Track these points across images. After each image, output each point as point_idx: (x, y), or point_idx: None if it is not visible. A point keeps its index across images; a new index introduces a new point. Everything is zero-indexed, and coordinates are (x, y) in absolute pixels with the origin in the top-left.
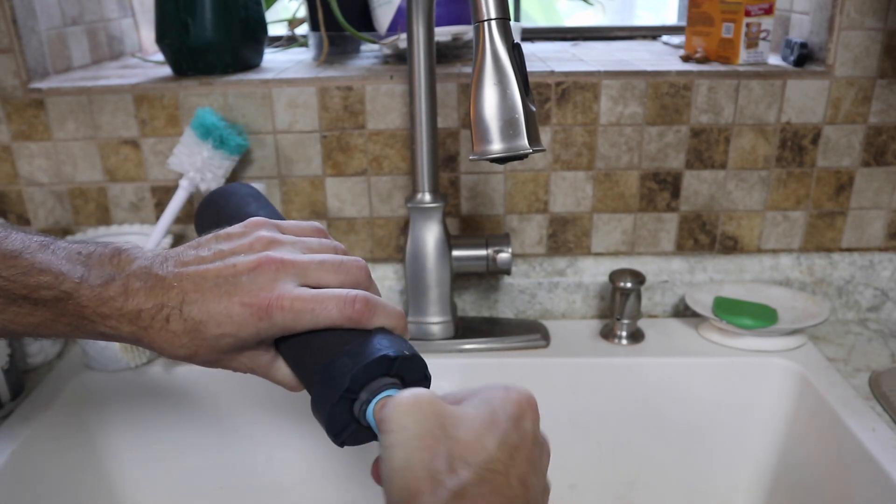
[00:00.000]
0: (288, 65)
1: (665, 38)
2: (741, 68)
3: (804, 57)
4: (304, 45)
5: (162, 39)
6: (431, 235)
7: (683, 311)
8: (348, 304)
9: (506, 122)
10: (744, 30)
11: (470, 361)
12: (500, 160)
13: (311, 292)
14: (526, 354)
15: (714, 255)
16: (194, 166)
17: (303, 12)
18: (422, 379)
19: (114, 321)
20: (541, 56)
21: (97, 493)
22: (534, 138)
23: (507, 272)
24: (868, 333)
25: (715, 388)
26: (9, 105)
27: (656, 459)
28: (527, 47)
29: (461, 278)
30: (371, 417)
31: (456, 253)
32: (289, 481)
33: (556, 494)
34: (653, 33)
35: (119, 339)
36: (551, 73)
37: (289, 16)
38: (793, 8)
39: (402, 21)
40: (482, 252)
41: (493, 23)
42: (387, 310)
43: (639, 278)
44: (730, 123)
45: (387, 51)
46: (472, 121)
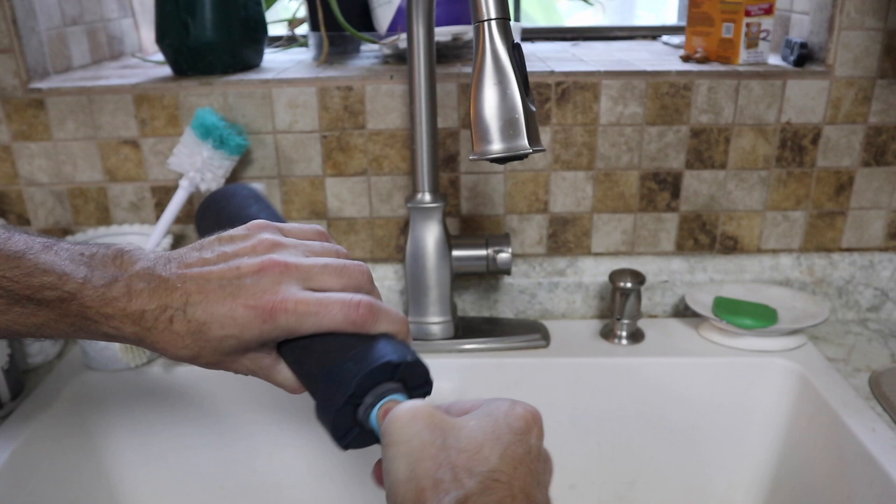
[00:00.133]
0: (288, 65)
1: (665, 38)
2: (741, 68)
3: (804, 57)
4: (304, 45)
5: (162, 39)
6: (431, 235)
7: (683, 311)
8: (353, 308)
9: (506, 122)
10: (744, 30)
11: (470, 361)
12: (500, 160)
13: (316, 296)
14: (526, 354)
15: (714, 255)
16: (194, 166)
17: (303, 12)
18: (424, 384)
19: (117, 322)
20: (541, 56)
21: (97, 492)
22: (534, 138)
23: (507, 272)
24: (868, 333)
25: (715, 388)
26: (9, 105)
27: (656, 459)
28: (527, 47)
29: (461, 278)
30: (374, 422)
31: (456, 253)
32: (289, 481)
33: (557, 494)
34: (653, 33)
35: (122, 340)
36: (551, 73)
37: (289, 16)
38: (793, 8)
39: (402, 21)
40: (482, 252)
41: (493, 23)
42: (390, 315)
43: (639, 278)
44: (730, 123)
45: (387, 51)
46: (472, 121)
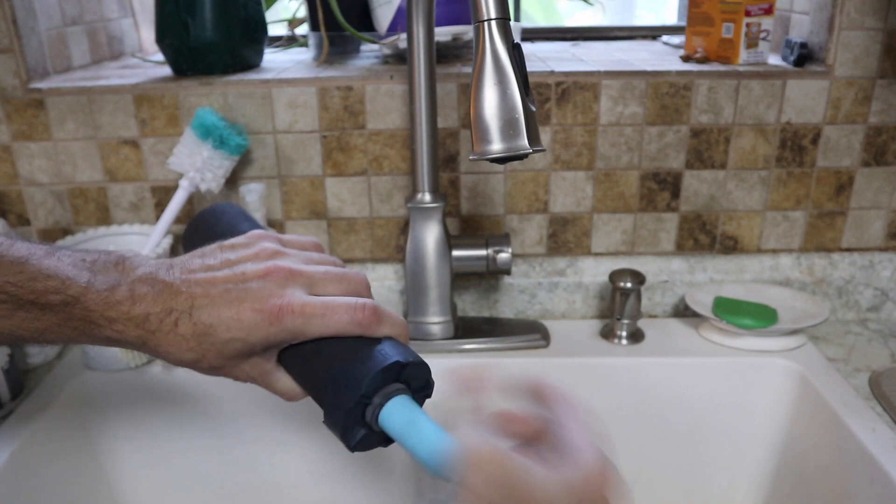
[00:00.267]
0: (288, 65)
1: (665, 38)
2: (741, 68)
3: (804, 57)
4: (304, 45)
5: (162, 39)
6: (431, 235)
7: (683, 311)
8: (358, 310)
9: (506, 122)
10: (744, 30)
11: (470, 361)
12: (500, 160)
13: (322, 299)
14: (526, 354)
15: (714, 255)
16: (194, 166)
17: (303, 12)
18: (425, 386)
19: (120, 325)
20: (541, 56)
21: (97, 493)
22: (534, 138)
23: (507, 272)
24: (868, 333)
25: (715, 387)
26: (9, 105)
27: (656, 459)
28: (527, 47)
29: (461, 278)
30: (383, 423)
31: (456, 253)
32: (289, 481)
33: None
34: (653, 33)
35: (125, 344)
36: (551, 73)
37: (289, 16)
38: (793, 8)
39: (402, 21)
40: (482, 252)
41: (493, 23)
42: (392, 318)
43: (639, 278)
44: (730, 123)
45: (387, 51)
46: (472, 121)
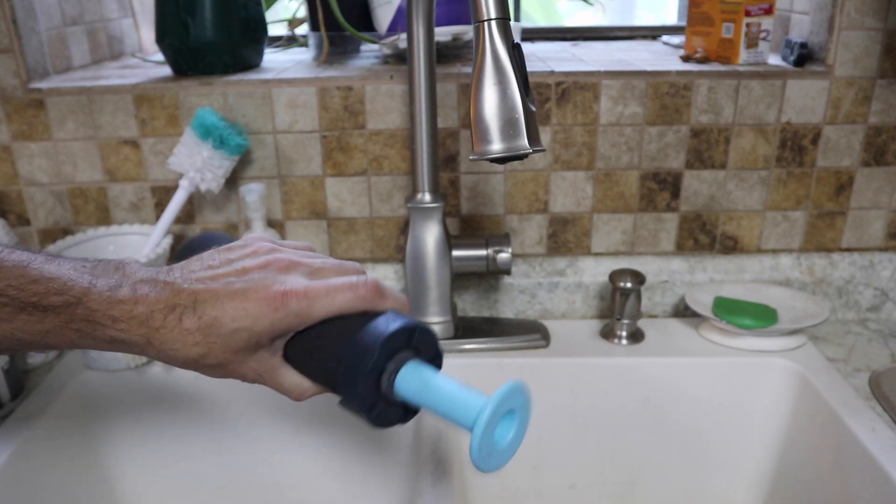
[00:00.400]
0: (288, 65)
1: (665, 38)
2: (741, 68)
3: (804, 57)
4: (304, 45)
5: (162, 39)
6: (431, 235)
7: (683, 311)
8: (361, 287)
9: (506, 122)
10: (744, 30)
11: (470, 361)
12: (500, 160)
13: (324, 281)
14: (526, 354)
15: (714, 255)
16: (194, 166)
17: (303, 12)
18: (435, 356)
19: (124, 324)
20: (541, 56)
21: (97, 492)
22: (534, 138)
23: (507, 272)
24: (868, 333)
25: (715, 387)
26: (9, 105)
27: (656, 459)
28: (527, 47)
29: (461, 278)
30: (400, 389)
31: (456, 253)
32: (289, 481)
33: (556, 494)
34: (653, 33)
35: (128, 345)
36: (551, 73)
37: (289, 16)
38: (793, 8)
39: (402, 21)
40: (482, 252)
41: (493, 23)
42: (394, 294)
43: (639, 278)
44: (730, 123)
45: (387, 51)
46: (472, 121)
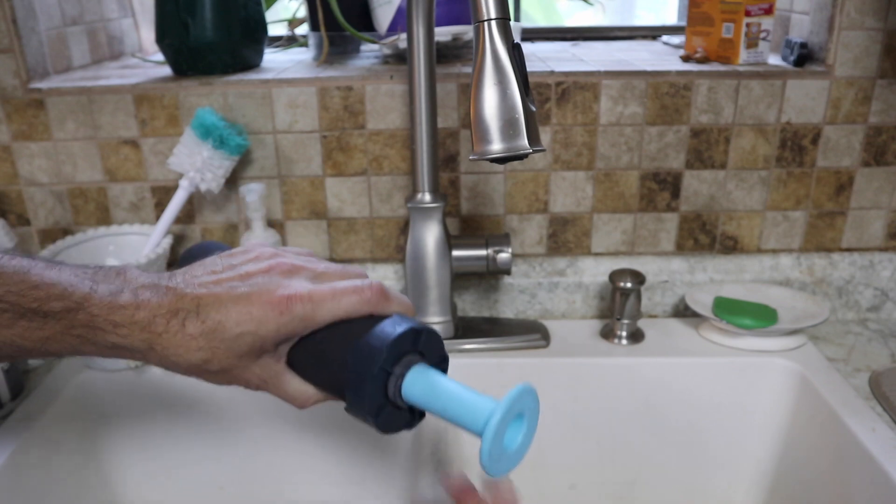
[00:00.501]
0: (288, 65)
1: (665, 38)
2: (741, 68)
3: (804, 57)
4: (304, 45)
5: (162, 39)
6: (431, 235)
7: (683, 311)
8: (366, 290)
9: (506, 122)
10: (744, 30)
11: (470, 361)
12: (500, 160)
13: (328, 284)
14: (526, 354)
15: (714, 255)
16: (194, 166)
17: (303, 12)
18: (441, 360)
19: (125, 329)
20: (541, 56)
21: (97, 492)
22: (534, 138)
23: (507, 272)
24: (868, 333)
25: (715, 387)
26: (9, 105)
27: (656, 459)
28: (527, 47)
29: (461, 278)
30: (407, 393)
31: (456, 253)
32: (289, 481)
33: (556, 494)
34: (653, 33)
35: (130, 352)
36: (551, 73)
37: (289, 16)
38: (793, 8)
39: (402, 21)
40: (482, 252)
41: (493, 23)
42: (399, 297)
43: (639, 278)
44: (730, 123)
45: (387, 51)
46: (472, 121)
